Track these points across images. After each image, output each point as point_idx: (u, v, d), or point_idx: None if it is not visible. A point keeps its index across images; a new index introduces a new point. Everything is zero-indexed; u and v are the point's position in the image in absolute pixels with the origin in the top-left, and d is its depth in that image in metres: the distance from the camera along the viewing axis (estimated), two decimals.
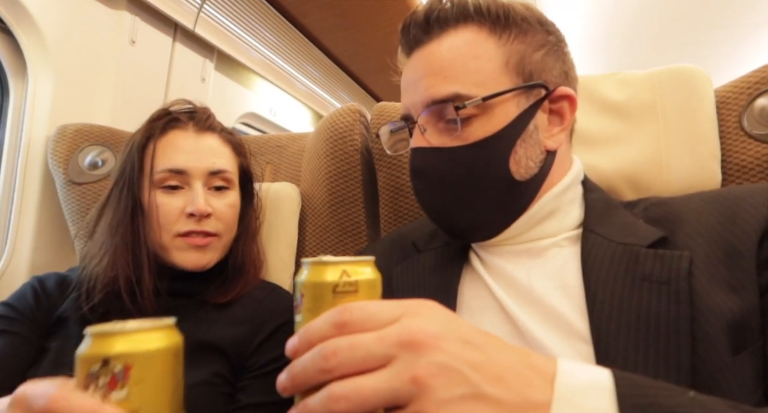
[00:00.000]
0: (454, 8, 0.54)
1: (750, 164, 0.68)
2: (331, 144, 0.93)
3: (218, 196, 0.75)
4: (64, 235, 1.11)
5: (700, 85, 0.71)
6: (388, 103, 0.91)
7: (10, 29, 1.06)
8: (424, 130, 0.54)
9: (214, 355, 0.67)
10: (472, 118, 0.52)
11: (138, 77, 1.30)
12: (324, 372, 0.30)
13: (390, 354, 0.29)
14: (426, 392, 0.28)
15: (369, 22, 1.75)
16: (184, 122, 0.75)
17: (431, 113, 0.53)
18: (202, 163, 0.73)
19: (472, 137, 0.52)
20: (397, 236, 0.71)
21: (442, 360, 0.29)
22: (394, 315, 0.31)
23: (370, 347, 0.30)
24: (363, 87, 2.35)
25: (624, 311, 0.45)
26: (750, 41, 2.69)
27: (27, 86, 1.10)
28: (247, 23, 1.59)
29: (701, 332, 0.43)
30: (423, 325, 0.30)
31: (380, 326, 0.31)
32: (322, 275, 0.34)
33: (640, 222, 0.52)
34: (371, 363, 0.29)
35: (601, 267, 0.49)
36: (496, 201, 0.54)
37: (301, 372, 0.31)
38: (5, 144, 1.09)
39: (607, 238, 0.51)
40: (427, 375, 0.28)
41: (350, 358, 0.29)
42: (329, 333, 0.31)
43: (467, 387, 0.29)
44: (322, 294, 0.33)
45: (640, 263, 0.48)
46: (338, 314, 0.31)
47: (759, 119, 0.68)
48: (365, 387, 0.29)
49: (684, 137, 0.69)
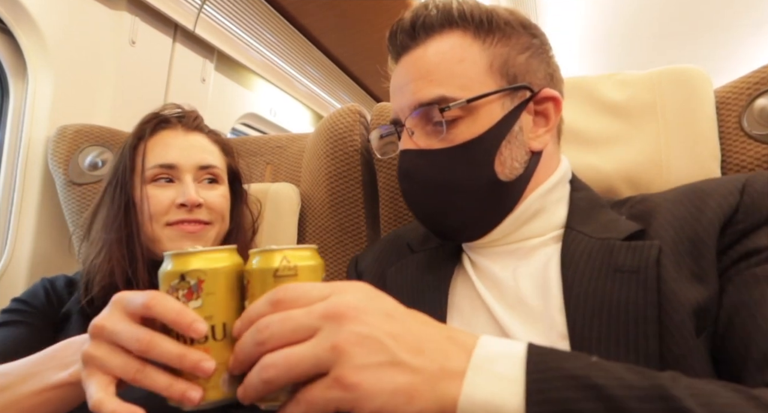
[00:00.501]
0: (438, 14, 0.55)
1: (750, 165, 0.68)
2: (331, 145, 0.93)
3: (209, 188, 0.77)
4: (64, 235, 1.11)
5: (699, 85, 0.71)
6: (388, 103, 0.91)
7: (10, 29, 1.06)
8: (411, 133, 0.55)
9: None
10: (458, 120, 0.53)
11: (138, 78, 1.30)
12: (258, 344, 0.32)
13: (316, 326, 0.32)
14: (344, 358, 0.30)
15: (369, 23, 1.75)
16: (174, 123, 0.79)
17: (418, 115, 0.54)
18: (192, 158, 0.75)
19: (458, 139, 0.53)
20: (394, 237, 0.72)
21: (362, 330, 0.31)
22: (324, 293, 0.34)
23: (299, 319, 0.32)
24: (363, 88, 2.35)
25: (597, 303, 0.46)
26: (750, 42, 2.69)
27: (27, 87, 1.10)
28: (247, 24, 1.59)
29: (667, 318, 0.44)
30: (348, 300, 0.33)
31: (310, 303, 0.33)
32: (265, 261, 0.36)
33: (622, 219, 0.53)
34: (300, 334, 0.32)
35: (579, 263, 0.50)
36: (482, 202, 0.54)
37: (240, 349, 0.34)
38: (5, 144, 1.09)
39: (588, 235, 0.52)
40: (346, 343, 0.31)
41: (280, 330, 0.32)
42: (266, 310, 0.33)
43: (385, 355, 0.31)
44: (264, 278, 0.36)
45: (614, 255, 0.49)
46: (274, 294, 0.34)
47: (759, 119, 0.68)
48: (292, 355, 0.31)
49: (684, 137, 0.70)
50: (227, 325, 0.39)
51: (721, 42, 2.71)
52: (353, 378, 0.30)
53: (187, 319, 0.37)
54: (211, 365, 0.37)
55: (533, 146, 0.56)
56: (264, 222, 0.94)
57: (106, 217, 0.74)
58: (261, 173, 1.11)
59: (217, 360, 0.36)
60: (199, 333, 0.37)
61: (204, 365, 0.37)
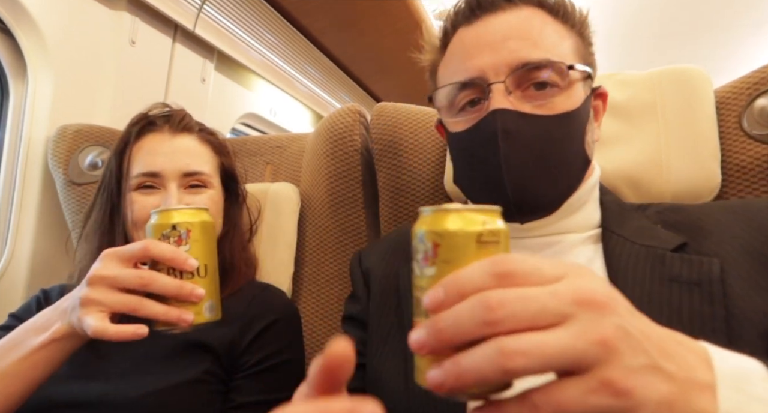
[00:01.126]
0: None
1: (750, 165, 0.68)
2: (331, 145, 0.93)
3: (194, 193, 0.75)
4: (64, 235, 1.11)
5: (700, 85, 0.71)
6: (388, 103, 0.91)
7: (10, 30, 1.06)
8: (509, 92, 0.52)
9: (204, 354, 0.68)
10: (557, 89, 0.52)
11: (138, 78, 1.30)
12: (487, 324, 0.26)
13: (566, 312, 0.26)
14: (614, 356, 0.25)
15: (369, 23, 1.75)
16: (160, 126, 0.77)
17: (518, 76, 0.52)
18: (175, 164, 0.73)
19: (556, 109, 0.52)
20: (399, 236, 0.70)
21: (622, 324, 0.26)
22: (558, 272, 0.28)
23: (544, 301, 0.26)
24: (363, 88, 2.35)
25: (654, 309, 0.45)
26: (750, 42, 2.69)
27: (27, 87, 1.10)
28: (247, 24, 1.59)
29: (735, 334, 0.43)
30: (595, 286, 0.27)
31: (544, 281, 0.27)
32: (466, 223, 0.30)
33: (657, 227, 0.53)
34: (543, 319, 0.26)
35: (627, 266, 0.49)
36: (570, 178, 0.54)
37: (452, 325, 0.27)
38: (5, 144, 1.09)
39: (629, 239, 0.52)
40: (615, 338, 0.26)
41: (522, 310, 0.26)
42: (487, 283, 0.27)
43: (646, 356, 0.26)
44: (465, 243, 0.30)
45: (666, 265, 0.48)
46: (497, 264, 0.28)
47: (759, 119, 0.68)
48: (548, 344, 0.25)
49: (684, 137, 0.69)
50: (208, 266, 0.50)
51: (721, 42, 2.71)
52: (627, 383, 0.25)
53: (182, 256, 0.48)
54: (202, 292, 0.48)
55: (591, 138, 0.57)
56: (264, 222, 0.94)
57: (93, 222, 0.75)
58: (261, 173, 1.11)
59: None
60: (192, 266, 0.48)
61: (197, 291, 0.48)
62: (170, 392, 0.63)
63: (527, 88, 0.53)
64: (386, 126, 0.87)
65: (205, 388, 0.66)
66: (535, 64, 0.52)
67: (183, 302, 0.49)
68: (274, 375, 0.71)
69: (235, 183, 0.83)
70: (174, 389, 0.64)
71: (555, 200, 0.54)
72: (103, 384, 0.64)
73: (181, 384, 0.64)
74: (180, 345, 0.67)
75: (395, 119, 0.87)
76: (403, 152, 0.86)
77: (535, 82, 0.53)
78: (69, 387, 0.64)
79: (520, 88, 0.53)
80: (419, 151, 0.86)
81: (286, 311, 0.77)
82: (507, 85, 0.52)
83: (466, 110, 0.56)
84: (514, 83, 0.53)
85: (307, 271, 0.96)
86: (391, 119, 0.88)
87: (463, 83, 0.55)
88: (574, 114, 0.53)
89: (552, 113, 0.52)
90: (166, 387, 0.64)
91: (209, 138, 0.80)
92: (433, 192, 0.85)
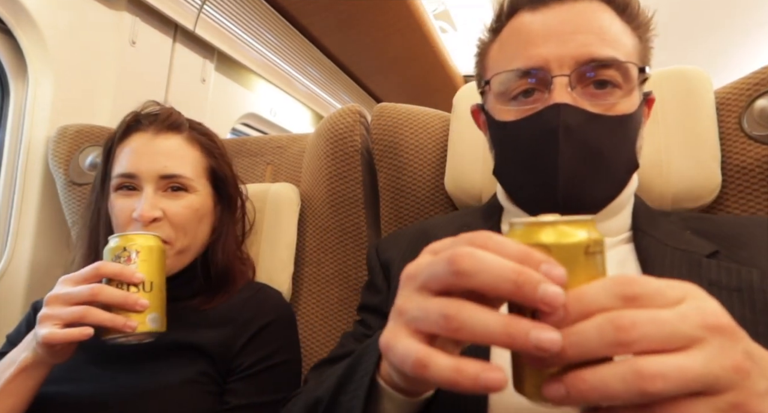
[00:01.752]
0: None
1: (750, 165, 0.68)
2: (332, 145, 0.93)
3: (173, 197, 0.71)
4: (64, 235, 1.11)
5: (700, 86, 0.71)
6: (388, 103, 0.91)
7: (10, 30, 1.06)
8: (572, 87, 0.51)
9: (198, 356, 0.67)
10: (617, 89, 0.51)
11: (138, 78, 1.30)
12: (618, 345, 0.26)
13: (696, 336, 0.26)
14: (746, 382, 0.26)
15: (369, 23, 1.75)
16: (145, 125, 0.74)
17: (583, 71, 0.51)
18: (153, 166, 0.70)
19: (615, 110, 0.52)
20: (417, 232, 0.68)
21: (748, 350, 0.27)
22: (678, 294, 0.28)
23: (675, 325, 0.26)
24: (363, 88, 2.35)
25: None
26: (750, 42, 2.69)
27: (27, 87, 1.10)
28: (248, 24, 1.59)
29: None
30: (717, 309, 0.28)
31: (668, 303, 0.28)
32: (572, 235, 0.30)
33: (687, 233, 0.53)
34: (674, 342, 0.26)
35: (663, 268, 0.48)
36: (617, 181, 0.53)
37: (578, 342, 0.27)
38: (6, 145, 1.09)
39: (662, 241, 0.51)
40: (746, 365, 0.26)
41: (656, 333, 0.26)
42: (613, 304, 0.27)
43: (766, 381, 0.27)
44: (574, 255, 0.29)
45: (704, 269, 0.48)
46: (623, 285, 0.28)
47: (759, 120, 0.68)
48: (688, 369, 0.25)
49: (684, 137, 0.70)
50: (154, 283, 0.58)
51: (722, 43, 2.71)
52: (756, 407, 0.26)
53: (129, 270, 0.56)
54: (146, 302, 0.55)
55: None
56: (264, 222, 0.94)
57: (82, 225, 0.77)
58: (261, 174, 1.11)
59: None
60: (139, 279, 0.56)
61: (141, 301, 0.55)
62: (162, 393, 0.63)
63: (588, 86, 0.52)
64: (387, 126, 0.87)
65: (198, 389, 0.65)
66: (603, 61, 0.50)
67: (128, 311, 0.55)
68: (270, 377, 0.70)
69: (224, 185, 0.79)
70: (166, 390, 0.64)
71: (601, 202, 0.54)
72: (95, 385, 0.64)
73: (174, 385, 0.64)
74: (172, 346, 0.67)
75: (395, 119, 0.87)
76: (404, 153, 0.86)
77: (598, 79, 0.51)
78: (61, 389, 0.64)
79: (581, 84, 0.52)
80: (420, 151, 0.86)
81: (280, 312, 0.76)
82: (571, 79, 0.51)
83: (518, 100, 0.54)
84: (578, 78, 0.51)
85: (307, 271, 0.96)
86: (392, 119, 0.88)
87: (524, 72, 0.53)
88: (632, 117, 0.52)
89: (611, 114, 0.51)
90: (158, 387, 0.64)
91: (199, 139, 0.77)
92: (433, 192, 0.85)
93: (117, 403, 0.62)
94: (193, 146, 0.76)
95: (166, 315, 0.60)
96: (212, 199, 0.77)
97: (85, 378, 0.65)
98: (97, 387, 0.64)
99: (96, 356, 0.67)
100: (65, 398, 0.63)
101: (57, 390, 0.63)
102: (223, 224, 0.79)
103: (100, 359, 0.67)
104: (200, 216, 0.74)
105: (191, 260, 0.74)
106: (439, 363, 0.28)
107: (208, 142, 0.79)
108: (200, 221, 0.74)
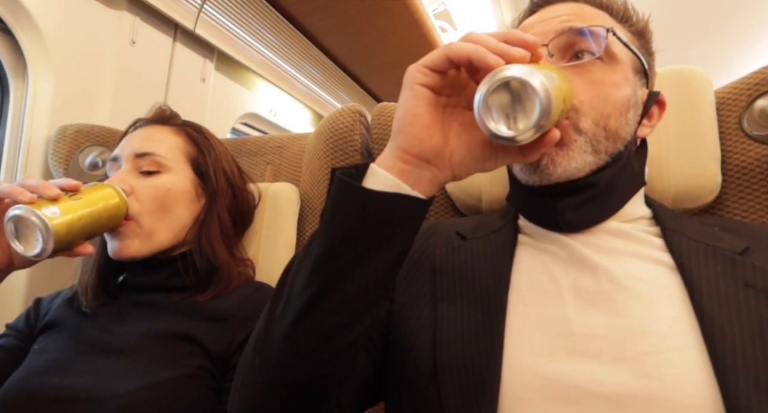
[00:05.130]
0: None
1: (750, 165, 0.68)
2: (332, 144, 0.93)
3: (145, 177, 0.73)
4: None
5: (700, 86, 0.71)
6: (388, 103, 0.91)
7: (10, 29, 1.06)
8: (551, 55, 0.53)
9: (197, 350, 0.67)
10: (597, 61, 0.53)
11: (138, 78, 1.30)
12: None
13: None
14: None
15: (369, 23, 1.75)
16: (144, 124, 0.80)
17: (560, 41, 0.53)
18: (130, 146, 0.75)
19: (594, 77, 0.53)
20: (432, 226, 0.67)
21: None
22: None
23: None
24: (363, 87, 2.35)
25: (733, 313, 0.43)
26: (750, 42, 2.69)
27: (27, 87, 1.10)
28: (248, 23, 1.59)
29: None
30: None
31: None
32: None
33: (715, 229, 0.52)
34: None
35: (698, 266, 0.47)
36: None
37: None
38: (6, 145, 1.09)
39: (692, 238, 0.50)
40: None
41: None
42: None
43: None
44: None
45: (739, 269, 0.47)
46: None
47: (759, 120, 0.68)
48: None
49: (684, 137, 0.70)
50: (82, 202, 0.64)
51: (722, 43, 2.71)
52: None
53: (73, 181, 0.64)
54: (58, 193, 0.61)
55: (639, 132, 0.57)
56: (264, 222, 0.94)
57: None
58: (261, 173, 1.11)
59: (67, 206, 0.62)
60: (76, 185, 0.64)
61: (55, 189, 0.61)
62: (160, 388, 0.62)
63: (568, 57, 0.53)
64: (387, 126, 0.87)
65: (196, 384, 0.64)
66: (579, 29, 0.52)
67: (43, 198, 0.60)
68: None
69: (209, 181, 0.79)
70: (164, 384, 0.62)
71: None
72: (91, 379, 0.63)
73: (171, 379, 0.63)
74: (170, 337, 0.67)
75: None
76: None
77: (576, 50, 0.53)
78: (55, 382, 0.62)
79: (560, 54, 0.54)
80: None
81: None
82: (549, 49, 0.53)
83: None
84: (557, 48, 0.53)
85: None
86: (392, 118, 0.88)
87: None
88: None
89: None
90: (155, 382, 0.62)
91: (187, 131, 0.80)
92: None
93: (114, 396, 0.61)
94: (177, 135, 0.79)
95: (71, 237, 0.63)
96: (193, 185, 0.77)
97: (81, 371, 0.64)
98: (93, 379, 0.63)
99: (92, 347, 0.67)
100: (60, 390, 0.61)
101: (52, 383, 0.62)
102: (206, 211, 0.77)
103: (96, 350, 0.66)
104: (173, 197, 0.73)
105: (167, 245, 0.74)
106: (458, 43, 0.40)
107: (197, 135, 0.80)
108: (174, 203, 0.74)
